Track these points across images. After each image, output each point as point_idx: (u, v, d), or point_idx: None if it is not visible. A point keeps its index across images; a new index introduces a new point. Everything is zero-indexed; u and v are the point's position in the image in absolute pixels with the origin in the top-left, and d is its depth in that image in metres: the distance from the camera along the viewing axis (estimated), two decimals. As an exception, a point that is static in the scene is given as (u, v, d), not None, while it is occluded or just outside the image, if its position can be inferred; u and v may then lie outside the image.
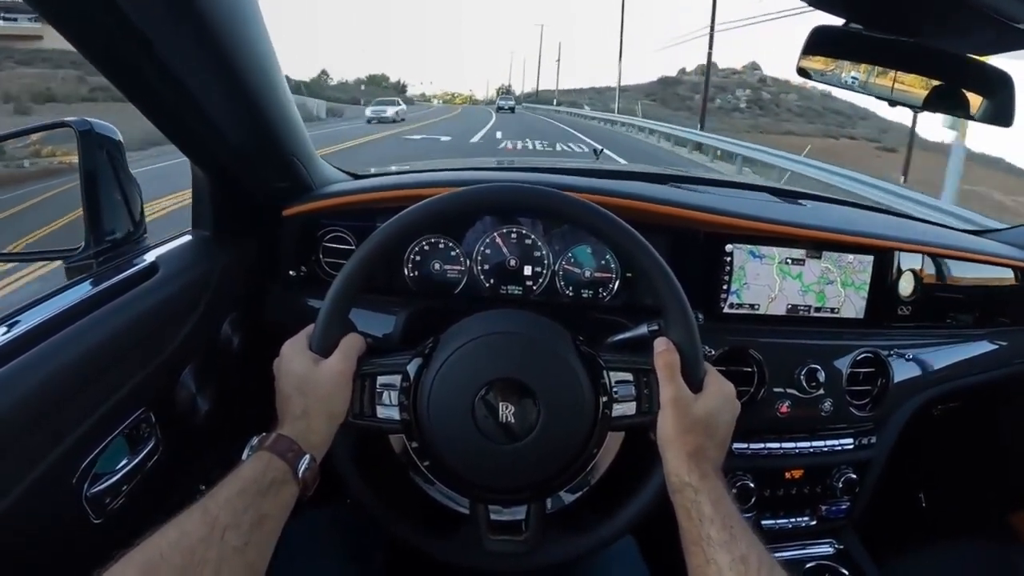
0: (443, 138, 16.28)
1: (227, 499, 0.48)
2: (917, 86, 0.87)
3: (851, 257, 0.94)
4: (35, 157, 0.93)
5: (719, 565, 0.50)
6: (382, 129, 19.46)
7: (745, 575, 0.49)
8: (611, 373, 0.60)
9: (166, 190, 4.64)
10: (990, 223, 1.47)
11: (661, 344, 0.60)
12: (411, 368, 0.60)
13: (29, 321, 0.57)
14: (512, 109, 36.81)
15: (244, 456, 0.54)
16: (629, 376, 0.60)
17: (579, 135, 18.95)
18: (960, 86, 0.89)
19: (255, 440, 0.55)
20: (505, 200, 0.64)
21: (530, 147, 14.10)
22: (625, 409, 0.60)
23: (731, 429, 0.61)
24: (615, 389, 0.60)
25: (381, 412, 0.60)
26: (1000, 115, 0.88)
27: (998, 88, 0.87)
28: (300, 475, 0.53)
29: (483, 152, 13.38)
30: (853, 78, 0.86)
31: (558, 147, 14.40)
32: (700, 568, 0.52)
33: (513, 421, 0.58)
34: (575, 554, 0.63)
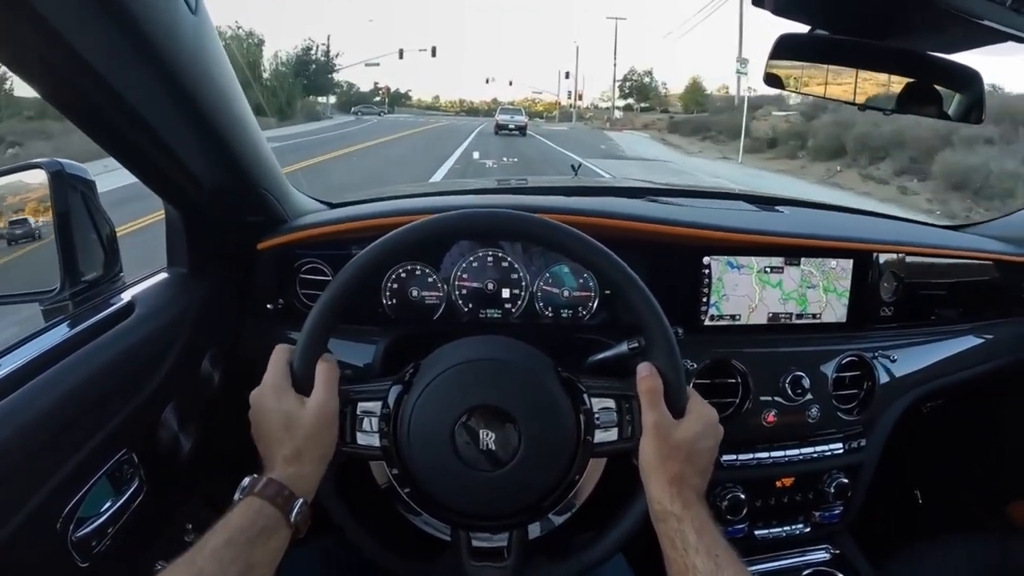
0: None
1: (213, 550, 0.47)
2: (886, 88, 0.88)
3: (831, 262, 0.94)
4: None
5: None
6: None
7: None
8: (593, 399, 0.60)
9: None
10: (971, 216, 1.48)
11: (644, 370, 0.60)
12: (391, 395, 0.60)
13: (8, 365, 0.57)
14: (522, 130, 23.72)
15: (236, 498, 0.53)
16: (611, 403, 0.60)
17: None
18: (931, 83, 0.90)
19: (245, 482, 0.54)
20: (478, 226, 0.64)
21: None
22: (607, 435, 0.60)
23: (713, 455, 0.61)
24: (597, 415, 0.60)
25: (362, 439, 0.60)
26: (971, 111, 0.89)
27: (968, 84, 0.87)
28: (292, 520, 0.52)
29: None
30: (821, 84, 0.87)
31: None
32: None
33: (494, 448, 0.58)
34: None
